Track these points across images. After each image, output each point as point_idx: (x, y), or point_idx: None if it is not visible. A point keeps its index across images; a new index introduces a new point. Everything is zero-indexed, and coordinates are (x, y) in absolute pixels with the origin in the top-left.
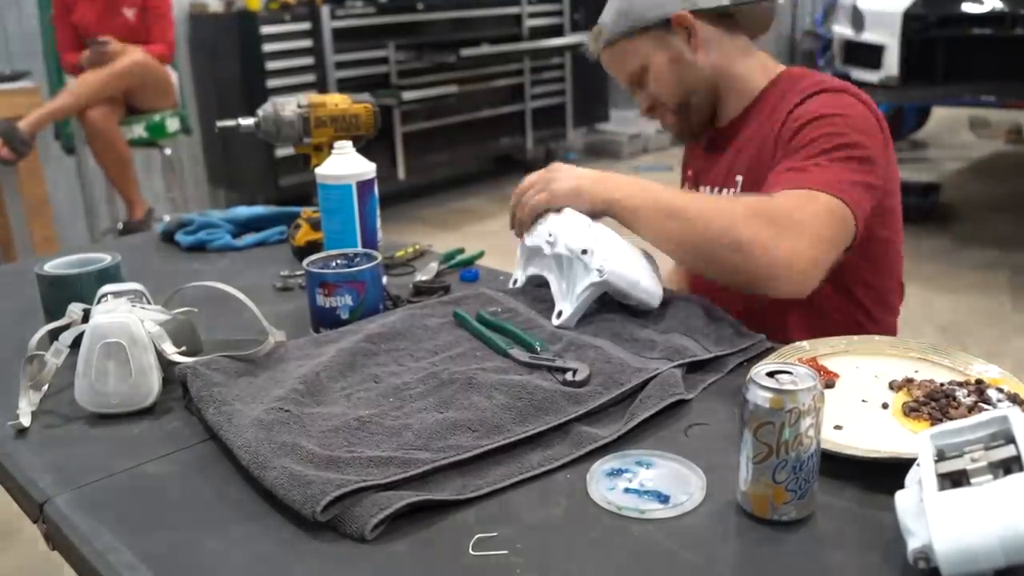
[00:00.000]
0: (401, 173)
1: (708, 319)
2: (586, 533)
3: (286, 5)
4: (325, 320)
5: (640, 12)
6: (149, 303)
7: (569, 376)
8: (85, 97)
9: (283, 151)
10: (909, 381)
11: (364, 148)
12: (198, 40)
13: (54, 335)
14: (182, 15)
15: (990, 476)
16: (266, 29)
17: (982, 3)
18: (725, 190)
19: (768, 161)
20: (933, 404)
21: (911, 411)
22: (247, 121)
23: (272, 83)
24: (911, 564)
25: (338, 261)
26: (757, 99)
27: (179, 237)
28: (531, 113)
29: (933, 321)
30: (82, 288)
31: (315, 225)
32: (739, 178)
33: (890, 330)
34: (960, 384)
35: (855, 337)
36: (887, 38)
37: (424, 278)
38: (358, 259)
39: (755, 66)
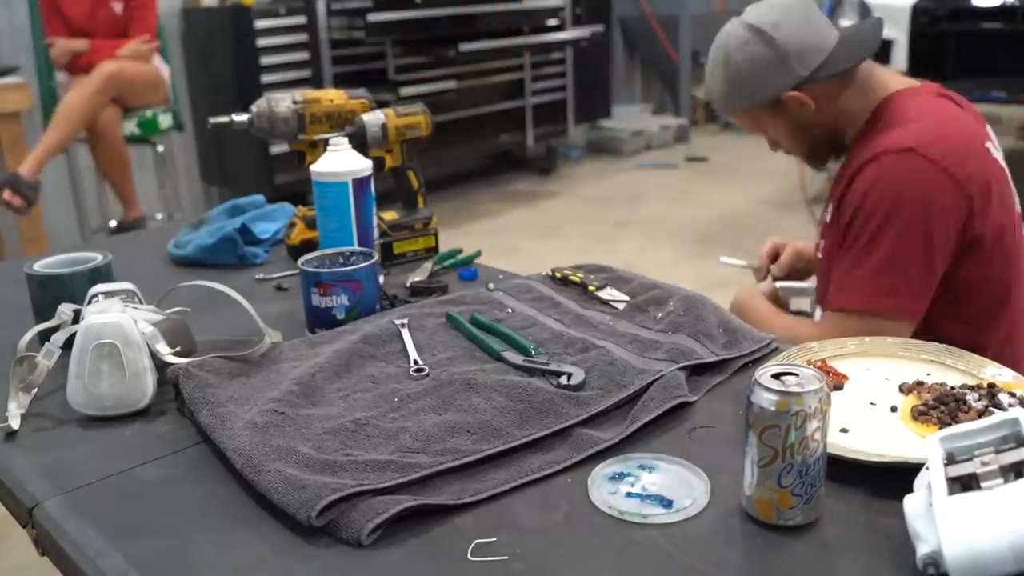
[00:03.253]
0: None
1: (719, 322)
2: (587, 538)
3: None
4: (320, 320)
5: (748, 95)
6: (141, 303)
7: (564, 380)
8: (76, 124)
9: (278, 148)
10: (919, 384)
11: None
12: (191, 35)
13: (44, 336)
14: (175, 9)
15: (1001, 480)
16: (260, 23)
17: None
18: (829, 205)
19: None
20: (942, 408)
21: (920, 415)
22: (241, 117)
23: (267, 78)
24: (920, 570)
25: (333, 260)
26: (862, 129)
27: (179, 252)
28: (531, 109)
29: None
30: (73, 288)
31: (310, 223)
32: (832, 202)
33: (1013, 358)
34: (972, 388)
35: (867, 338)
36: (895, 32)
37: (419, 278)
38: (354, 258)
39: (866, 95)
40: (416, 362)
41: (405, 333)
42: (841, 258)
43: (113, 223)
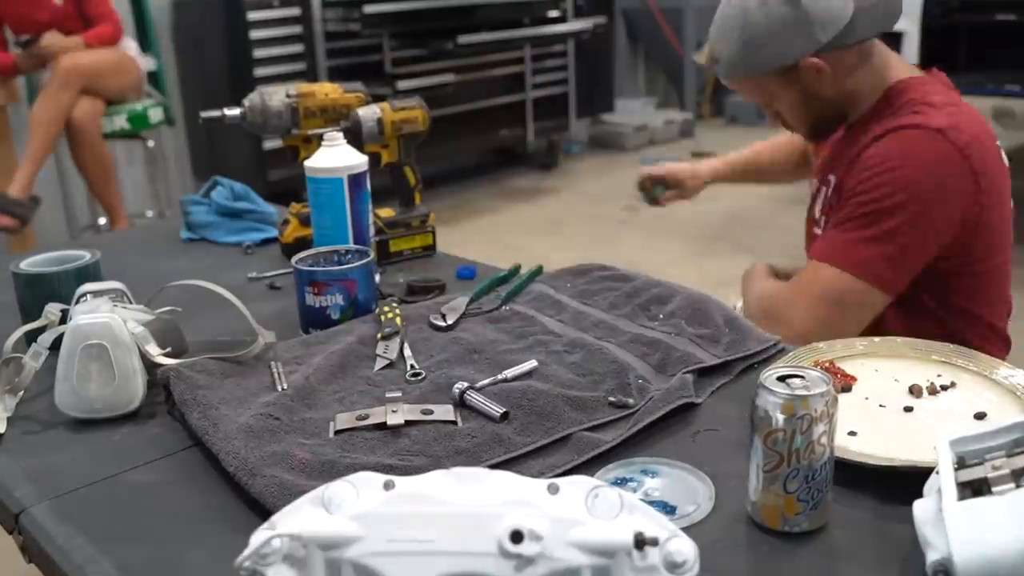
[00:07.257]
0: None
1: (725, 321)
2: None
3: None
4: (315, 320)
5: (765, 60)
6: (130, 302)
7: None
8: (50, 127)
9: (272, 143)
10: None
11: None
12: (182, 27)
13: (31, 336)
14: (166, 1)
15: (1012, 484)
16: (253, 15)
17: None
18: (823, 188)
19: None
20: None
21: None
22: (233, 112)
23: (260, 72)
24: None
25: (328, 258)
26: (874, 107)
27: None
28: (532, 103)
29: None
30: (60, 287)
31: (304, 221)
32: (832, 178)
33: (997, 347)
34: None
35: (875, 339)
36: (906, 24)
37: (416, 278)
38: (349, 256)
39: (878, 74)
40: (413, 367)
41: (401, 334)
42: (840, 221)
43: (102, 220)
